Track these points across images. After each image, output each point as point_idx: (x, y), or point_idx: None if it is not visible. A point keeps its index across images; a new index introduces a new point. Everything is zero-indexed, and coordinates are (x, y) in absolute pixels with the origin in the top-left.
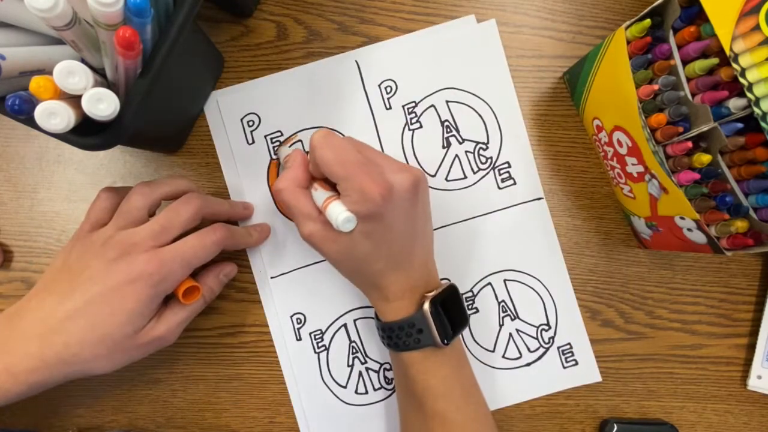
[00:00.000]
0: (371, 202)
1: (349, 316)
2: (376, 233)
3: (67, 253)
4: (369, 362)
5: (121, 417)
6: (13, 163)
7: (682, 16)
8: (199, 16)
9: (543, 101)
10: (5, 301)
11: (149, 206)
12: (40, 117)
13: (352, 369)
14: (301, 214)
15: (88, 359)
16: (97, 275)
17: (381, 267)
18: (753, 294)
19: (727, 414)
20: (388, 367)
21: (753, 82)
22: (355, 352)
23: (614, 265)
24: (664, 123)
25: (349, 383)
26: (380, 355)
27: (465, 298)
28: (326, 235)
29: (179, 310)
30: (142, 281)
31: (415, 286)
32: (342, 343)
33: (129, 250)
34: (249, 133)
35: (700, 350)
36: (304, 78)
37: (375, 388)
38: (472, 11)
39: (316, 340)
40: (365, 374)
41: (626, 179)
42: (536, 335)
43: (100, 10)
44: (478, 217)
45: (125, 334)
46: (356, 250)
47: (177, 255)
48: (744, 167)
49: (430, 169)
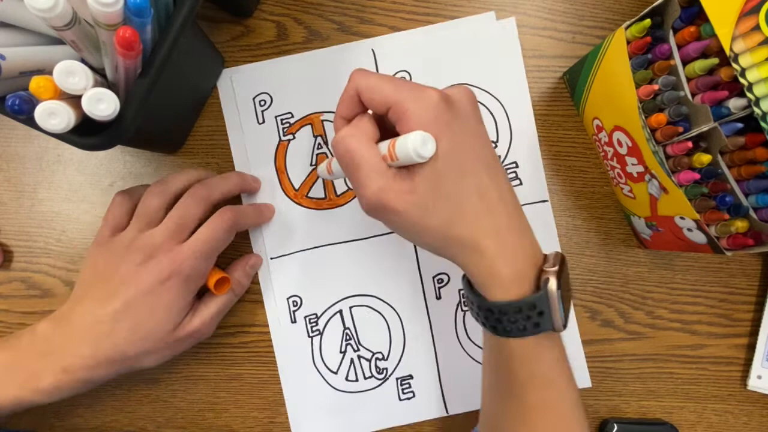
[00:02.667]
0: (436, 105)
1: (345, 303)
2: (455, 154)
3: (95, 260)
4: (362, 350)
5: (121, 417)
6: (13, 163)
7: (682, 16)
8: (199, 16)
9: (543, 101)
10: (5, 301)
11: (166, 205)
12: (40, 117)
13: (344, 355)
14: (368, 165)
15: (136, 356)
16: (129, 279)
17: (474, 208)
18: (753, 294)
19: (727, 414)
20: (380, 357)
21: (753, 82)
22: (348, 339)
23: (614, 265)
24: (664, 123)
25: (340, 369)
26: (373, 344)
27: (462, 294)
28: (400, 186)
29: (211, 304)
30: (171, 280)
31: (528, 244)
32: (336, 329)
33: (152, 252)
34: (260, 112)
35: (700, 350)
36: (319, 62)
37: (366, 377)
38: (472, 11)
39: (311, 324)
40: (357, 362)
41: (626, 179)
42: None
43: (100, 10)
44: None
45: (166, 330)
46: (441, 188)
47: (196, 250)
48: (744, 167)
49: None
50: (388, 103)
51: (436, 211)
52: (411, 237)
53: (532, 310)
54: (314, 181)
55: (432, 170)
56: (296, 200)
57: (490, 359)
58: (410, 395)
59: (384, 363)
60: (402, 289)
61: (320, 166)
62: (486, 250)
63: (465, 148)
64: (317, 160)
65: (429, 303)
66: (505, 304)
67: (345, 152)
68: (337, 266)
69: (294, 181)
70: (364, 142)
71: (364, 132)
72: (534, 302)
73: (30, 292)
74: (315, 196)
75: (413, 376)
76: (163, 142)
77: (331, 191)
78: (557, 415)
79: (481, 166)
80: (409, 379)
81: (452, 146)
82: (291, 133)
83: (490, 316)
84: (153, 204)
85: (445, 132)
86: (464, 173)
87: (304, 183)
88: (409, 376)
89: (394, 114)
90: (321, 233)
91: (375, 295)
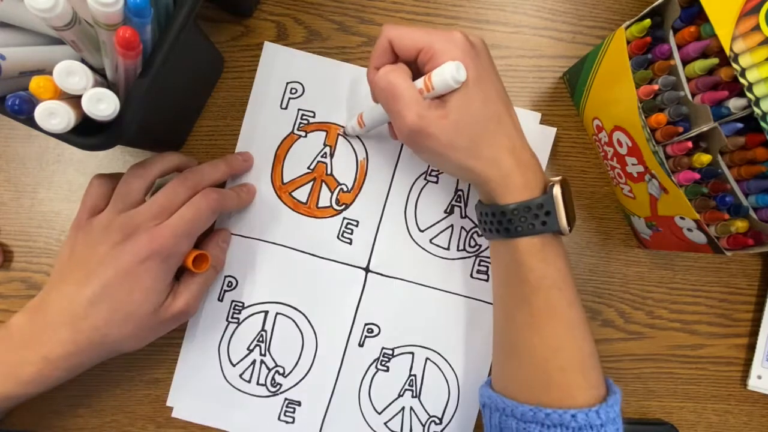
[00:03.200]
0: (462, 42)
1: (273, 306)
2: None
3: (72, 242)
4: (267, 357)
5: (121, 417)
6: (13, 163)
7: (682, 16)
8: (199, 16)
9: (543, 101)
10: (5, 301)
11: (146, 187)
12: (40, 117)
13: (250, 353)
14: (408, 95)
15: (118, 339)
16: (107, 260)
17: (495, 130)
18: (753, 294)
19: (727, 414)
20: (281, 372)
21: (753, 82)
22: (260, 341)
23: (614, 265)
24: (664, 123)
25: (239, 365)
26: (280, 357)
27: (384, 353)
28: (435, 113)
29: (192, 283)
30: (151, 259)
31: (535, 163)
32: (254, 326)
33: (131, 232)
34: (287, 99)
35: (700, 350)
36: (359, 79)
37: (259, 383)
38: (472, 11)
39: (234, 310)
40: (257, 365)
41: (626, 179)
42: (425, 423)
43: (100, 10)
44: (438, 290)
45: (147, 311)
46: (469, 112)
47: (177, 228)
48: (744, 167)
49: (423, 224)
50: (418, 46)
51: (465, 133)
52: (439, 159)
53: (540, 209)
54: (303, 183)
55: (462, 96)
56: (278, 192)
57: (500, 264)
58: (290, 420)
59: (281, 378)
60: (332, 320)
61: (349, 123)
62: (503, 164)
63: (486, 80)
64: (316, 166)
65: (350, 345)
66: (516, 205)
67: (387, 84)
68: (284, 270)
69: (285, 175)
70: (404, 76)
71: (403, 69)
72: (541, 202)
73: (30, 292)
74: (297, 197)
75: (301, 404)
76: (163, 142)
77: (314, 200)
78: (562, 318)
79: (498, 97)
80: (297, 405)
81: (477, 76)
82: (305, 131)
83: (503, 218)
84: (133, 185)
85: (471, 64)
86: (487, 101)
87: (293, 181)
88: (297, 402)
89: (425, 55)
90: (285, 233)
91: (305, 313)
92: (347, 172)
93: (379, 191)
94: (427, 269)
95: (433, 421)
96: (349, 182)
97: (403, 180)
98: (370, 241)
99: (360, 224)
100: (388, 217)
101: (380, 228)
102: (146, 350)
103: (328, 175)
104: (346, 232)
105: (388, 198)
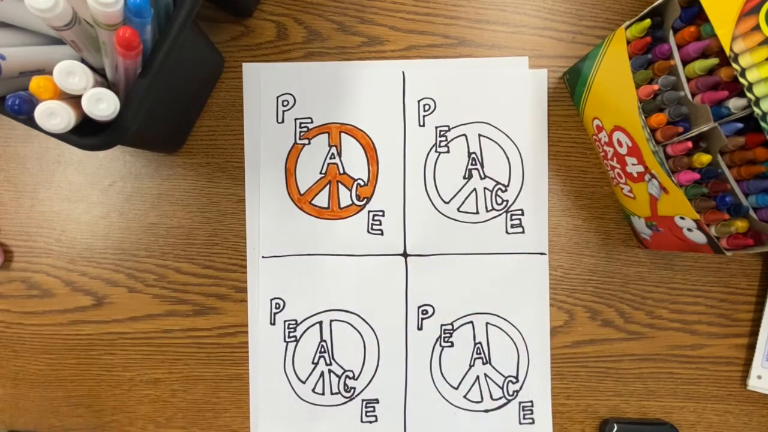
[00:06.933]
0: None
1: (326, 315)
2: None
3: None
4: (334, 365)
5: (121, 417)
6: (13, 163)
7: (682, 16)
8: (199, 16)
9: (543, 101)
10: (5, 301)
11: None
12: (40, 117)
13: (316, 367)
14: None
15: None
16: None
17: None
18: (753, 294)
19: (727, 414)
20: (351, 375)
21: (753, 82)
22: (323, 352)
23: (614, 265)
24: (664, 123)
25: (309, 380)
26: (346, 362)
27: (444, 329)
28: None
29: None
30: None
31: None
32: (313, 339)
33: None
34: (281, 112)
35: (700, 350)
36: (349, 74)
37: (332, 392)
38: (472, 11)
39: (289, 329)
40: (327, 376)
41: (626, 179)
42: (502, 385)
43: (100, 10)
44: (479, 254)
45: None
46: None
47: None
48: (744, 167)
49: (446, 196)
50: None
51: None
52: None
53: None
54: (320, 189)
55: None
56: (299, 204)
57: None
58: (372, 419)
59: (353, 382)
60: (385, 313)
61: None
62: None
63: None
64: (328, 169)
65: (409, 332)
66: None
67: None
68: (326, 278)
69: (300, 186)
70: None
71: None
72: None
73: (30, 292)
74: (318, 204)
75: (379, 401)
76: (164, 142)
77: (335, 202)
78: None
79: None
80: (375, 403)
81: None
82: (307, 138)
83: None
84: None
85: None
86: None
87: (310, 189)
88: (375, 400)
89: None
90: (317, 242)
91: (358, 313)
92: (359, 165)
93: (395, 175)
94: (463, 237)
95: (509, 381)
96: (364, 175)
97: (414, 157)
98: (400, 226)
99: (386, 213)
100: (410, 198)
101: (406, 211)
102: (146, 350)
103: (342, 174)
104: (374, 225)
105: (406, 179)
